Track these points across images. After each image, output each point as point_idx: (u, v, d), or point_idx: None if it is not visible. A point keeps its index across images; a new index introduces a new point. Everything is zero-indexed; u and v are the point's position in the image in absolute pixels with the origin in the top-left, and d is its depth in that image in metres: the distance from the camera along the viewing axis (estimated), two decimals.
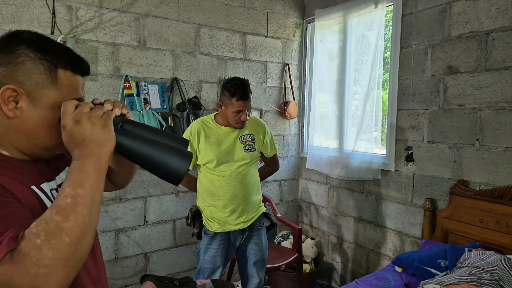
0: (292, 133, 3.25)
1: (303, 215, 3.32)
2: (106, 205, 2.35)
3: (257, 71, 2.98)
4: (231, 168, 1.87)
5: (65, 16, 2.14)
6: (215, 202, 1.89)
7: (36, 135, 0.69)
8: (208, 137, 1.88)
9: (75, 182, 0.61)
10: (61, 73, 0.69)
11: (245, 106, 1.81)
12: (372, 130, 2.61)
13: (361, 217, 2.74)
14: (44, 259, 0.53)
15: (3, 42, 0.68)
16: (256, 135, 1.96)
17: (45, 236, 0.54)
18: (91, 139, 0.64)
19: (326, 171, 2.93)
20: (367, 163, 2.60)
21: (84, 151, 0.64)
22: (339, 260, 2.95)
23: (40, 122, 0.68)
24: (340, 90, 2.84)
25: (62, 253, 0.55)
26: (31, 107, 0.67)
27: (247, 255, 2.01)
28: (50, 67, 0.68)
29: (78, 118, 0.65)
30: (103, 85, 2.29)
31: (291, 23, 3.14)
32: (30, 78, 0.66)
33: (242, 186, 1.89)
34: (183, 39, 2.57)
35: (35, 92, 0.67)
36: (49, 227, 0.55)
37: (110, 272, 2.38)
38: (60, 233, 0.55)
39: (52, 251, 0.54)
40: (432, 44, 2.20)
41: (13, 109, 0.66)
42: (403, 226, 2.42)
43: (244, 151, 1.89)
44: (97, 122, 0.66)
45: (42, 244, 0.54)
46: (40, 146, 0.71)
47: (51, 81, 0.68)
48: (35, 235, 0.54)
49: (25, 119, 0.67)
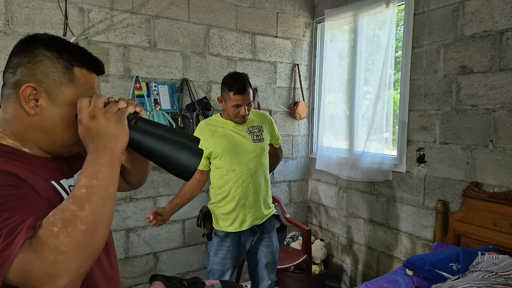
0: (301, 133, 3.24)
1: (313, 216, 3.30)
2: (116, 205, 2.37)
3: (267, 72, 2.97)
4: (242, 161, 1.84)
5: (77, 18, 2.17)
6: (225, 198, 1.87)
7: (56, 132, 0.72)
8: (215, 131, 1.87)
9: (90, 174, 0.64)
10: (77, 71, 0.72)
11: (243, 100, 1.80)
12: (383, 131, 2.58)
13: (371, 219, 2.71)
14: (61, 246, 0.55)
15: (22, 44, 0.71)
16: (263, 126, 1.96)
17: (61, 224, 0.56)
18: (106, 133, 0.67)
19: (336, 172, 2.91)
20: (378, 164, 2.57)
21: (99, 145, 0.67)
22: (349, 262, 2.92)
23: (59, 119, 0.71)
24: (350, 90, 2.82)
25: (79, 241, 0.57)
26: (50, 105, 0.70)
27: (258, 258, 1.99)
28: (67, 65, 0.71)
29: (94, 113, 0.68)
30: (114, 86, 2.32)
31: (301, 23, 3.13)
32: (48, 76, 0.70)
33: (252, 181, 1.86)
34: (193, 40, 2.58)
35: (54, 90, 0.70)
36: (65, 216, 0.57)
37: (121, 271, 2.41)
38: (76, 221, 0.58)
39: (68, 238, 0.56)
40: (445, 43, 2.16)
41: (34, 107, 0.69)
42: (414, 229, 2.38)
43: (253, 142, 1.88)
44: (112, 117, 0.68)
45: (59, 231, 0.56)
46: (59, 143, 0.74)
47: (68, 79, 0.71)
48: (52, 223, 0.56)
49: (45, 117, 0.70)
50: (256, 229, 1.93)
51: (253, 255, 2.00)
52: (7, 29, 1.99)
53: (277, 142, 2.07)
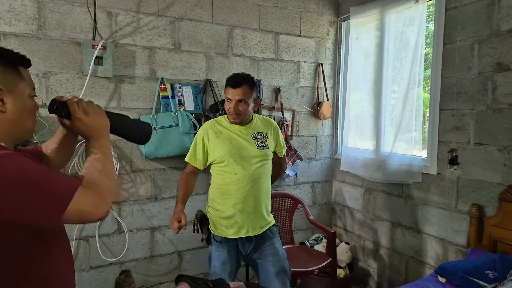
0: (325, 134, 3.18)
1: (337, 218, 3.23)
2: (142, 204, 2.41)
3: (290, 71, 2.94)
4: (244, 166, 1.81)
5: (105, 22, 2.23)
6: (225, 201, 1.83)
7: (23, 121, 0.89)
8: (220, 133, 1.85)
9: (98, 147, 0.93)
10: (21, 69, 0.89)
11: (233, 93, 1.77)
12: (412, 131, 2.49)
13: (399, 222, 2.61)
14: (103, 184, 0.86)
15: None
16: (268, 133, 1.92)
17: (98, 172, 0.88)
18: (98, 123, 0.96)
19: (362, 173, 2.83)
20: (407, 165, 2.48)
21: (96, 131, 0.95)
22: (375, 267, 2.83)
23: (23, 110, 0.89)
24: (376, 89, 2.73)
25: (110, 181, 0.90)
26: (14, 100, 0.86)
27: (266, 268, 1.88)
28: (13, 67, 0.87)
29: (86, 111, 0.94)
30: (140, 88, 2.36)
31: (325, 22, 3.07)
32: (5, 78, 0.84)
33: (254, 186, 1.82)
34: (216, 41, 2.59)
35: (13, 88, 0.86)
36: (98, 168, 0.88)
37: (146, 269, 2.45)
38: (106, 171, 0.90)
39: (105, 179, 0.87)
40: (479, 39, 2.05)
41: (2, 105, 0.84)
42: (446, 233, 2.28)
43: (257, 148, 1.85)
44: (97, 112, 0.97)
45: (98, 176, 0.87)
46: (26, 130, 0.92)
47: (19, 77, 0.88)
48: (91, 172, 0.87)
49: (12, 111, 0.86)
50: (253, 238, 1.86)
51: (260, 266, 1.89)
52: (39, 33, 2.06)
53: (280, 150, 2.01)
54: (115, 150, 2.27)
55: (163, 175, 2.47)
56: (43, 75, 2.09)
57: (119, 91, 2.30)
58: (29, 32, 2.03)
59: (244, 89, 1.78)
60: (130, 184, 2.36)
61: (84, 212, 0.80)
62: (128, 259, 2.39)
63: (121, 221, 2.34)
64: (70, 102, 0.94)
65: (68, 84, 2.14)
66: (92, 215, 0.82)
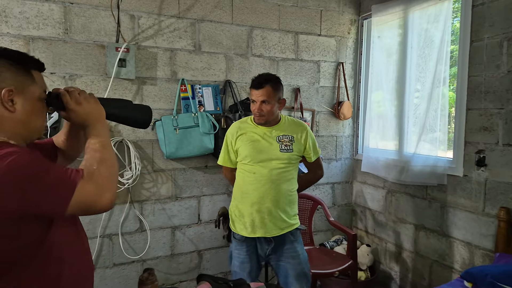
0: (346, 134, 3.13)
1: (358, 220, 3.18)
2: (163, 203, 2.45)
3: (310, 71, 2.91)
4: (264, 167, 1.82)
5: (128, 25, 2.28)
6: (244, 200, 1.86)
7: (32, 121, 0.93)
8: (244, 134, 1.90)
9: (96, 136, 0.95)
10: (33, 72, 0.93)
11: (256, 95, 1.81)
12: (436, 131, 2.41)
13: (423, 225, 2.54)
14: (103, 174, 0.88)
15: None
16: (295, 136, 1.89)
17: (97, 163, 0.89)
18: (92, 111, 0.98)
19: (384, 174, 2.77)
20: (431, 167, 2.40)
21: (91, 120, 0.97)
22: (398, 270, 2.77)
23: (33, 110, 0.92)
24: (399, 88, 2.67)
25: (110, 170, 0.91)
26: (24, 101, 0.90)
27: (286, 270, 1.88)
28: (26, 69, 0.91)
29: (78, 101, 0.96)
30: (161, 89, 2.40)
31: (346, 20, 3.03)
32: (17, 80, 0.89)
33: (272, 187, 1.81)
34: (236, 42, 2.60)
35: (24, 89, 0.90)
36: (96, 159, 0.90)
37: (167, 267, 2.49)
38: (105, 160, 0.91)
39: (105, 169, 0.89)
40: (508, 36, 1.97)
41: (12, 106, 0.88)
42: (472, 237, 2.20)
43: (280, 151, 1.84)
44: (89, 100, 0.98)
45: (98, 167, 0.89)
46: (35, 130, 0.96)
47: (31, 80, 0.92)
48: (91, 164, 0.89)
49: (22, 111, 0.90)
50: (272, 239, 1.86)
51: (280, 268, 1.90)
52: (66, 37, 2.13)
53: (309, 156, 1.95)
54: (137, 150, 2.32)
55: (183, 175, 2.50)
56: (69, 77, 2.16)
57: (141, 92, 2.34)
58: (56, 36, 2.10)
59: (267, 90, 1.80)
60: (151, 183, 2.41)
61: (87, 204, 0.84)
62: (150, 257, 2.43)
63: (143, 219, 2.38)
64: (62, 93, 0.96)
65: (93, 86, 2.21)
66: (96, 206, 0.85)
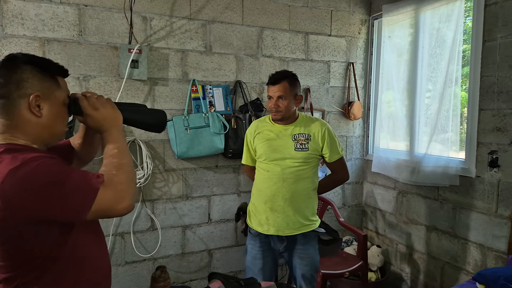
0: (356, 134, 3.12)
1: (368, 220, 3.16)
2: (174, 202, 2.48)
3: (320, 71, 2.91)
4: (278, 165, 1.84)
5: (140, 27, 2.31)
6: (259, 197, 1.89)
7: (56, 126, 0.97)
8: (261, 133, 1.93)
9: (113, 142, 0.97)
10: (58, 78, 0.97)
11: (273, 91, 1.83)
12: (448, 131, 2.39)
13: (434, 226, 2.52)
14: (122, 180, 0.90)
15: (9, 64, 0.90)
16: (312, 135, 1.88)
17: (116, 169, 0.91)
18: (108, 116, 0.99)
19: (394, 175, 2.76)
20: (442, 167, 2.38)
21: (108, 125, 0.99)
22: (409, 271, 2.75)
23: (57, 115, 0.96)
24: (410, 88, 2.65)
25: (128, 176, 0.93)
26: (49, 107, 0.94)
27: (294, 267, 1.92)
28: (51, 75, 0.95)
29: (95, 106, 0.98)
30: (173, 90, 2.43)
31: (356, 20, 3.02)
32: (43, 86, 0.92)
33: (284, 186, 1.82)
34: (246, 43, 2.62)
35: (50, 95, 0.94)
36: (115, 165, 0.93)
37: (177, 266, 2.51)
38: (123, 166, 0.93)
39: (123, 175, 0.92)
40: None
41: (39, 111, 0.92)
42: (485, 239, 2.17)
43: (294, 150, 1.84)
44: (106, 105, 1.00)
45: (117, 173, 0.91)
46: (57, 134, 1.00)
47: (56, 86, 0.96)
48: (110, 170, 0.91)
49: (47, 116, 0.93)
50: (284, 238, 1.87)
51: (290, 263, 1.96)
52: (80, 39, 2.17)
53: (327, 155, 1.90)
54: (149, 150, 2.35)
55: (194, 174, 2.53)
56: (84, 78, 2.20)
57: (153, 93, 2.38)
58: (70, 38, 2.15)
59: (283, 85, 1.82)
60: (163, 183, 2.44)
61: (106, 209, 0.87)
62: (161, 255, 2.46)
63: (154, 218, 2.42)
64: (80, 98, 0.98)
65: (106, 87, 2.25)
66: (114, 211, 0.89)
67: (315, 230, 1.92)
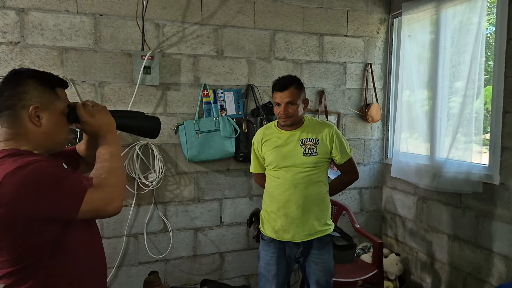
0: (374, 137, 3.01)
1: (387, 227, 3.04)
2: (185, 205, 2.52)
3: (335, 73, 2.84)
4: (288, 171, 1.81)
5: (153, 33, 2.37)
6: (272, 204, 1.87)
7: (56, 134, 1.04)
8: (269, 140, 1.90)
9: (106, 147, 1.03)
10: (58, 90, 1.04)
11: (281, 97, 1.78)
12: (471, 135, 2.24)
13: (456, 235, 2.37)
14: (111, 182, 0.97)
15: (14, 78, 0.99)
16: (320, 139, 1.84)
17: (106, 173, 0.98)
18: (104, 123, 1.06)
19: (414, 180, 2.63)
20: (465, 173, 2.24)
21: (103, 131, 1.05)
22: (429, 281, 2.61)
23: (56, 124, 1.03)
24: (432, 89, 2.52)
25: (118, 179, 1.00)
26: (48, 116, 1.01)
27: (308, 272, 1.90)
28: (51, 87, 1.02)
29: (92, 114, 1.05)
30: (184, 94, 2.47)
31: (375, 20, 2.92)
32: (42, 97, 0.99)
33: (296, 192, 1.79)
34: (258, 46, 2.61)
35: (49, 105, 1.01)
36: (105, 168, 0.99)
37: (189, 268, 2.54)
38: (113, 170, 0.99)
39: (113, 179, 0.98)
40: None
41: (38, 121, 0.99)
42: (510, 250, 2.01)
43: (303, 155, 1.81)
44: (102, 112, 1.07)
45: (106, 176, 0.97)
46: (58, 142, 1.07)
47: (56, 97, 1.03)
48: (99, 174, 0.97)
49: (47, 125, 1.00)
50: (300, 243, 1.84)
51: (304, 268, 1.93)
52: (95, 47, 2.26)
53: (337, 157, 1.87)
54: (161, 154, 2.40)
55: (205, 177, 2.55)
56: (99, 85, 2.29)
57: (165, 98, 2.43)
58: (86, 46, 2.24)
59: (292, 91, 1.79)
60: (175, 185, 2.48)
61: (96, 210, 0.94)
62: (173, 257, 2.51)
63: (166, 221, 2.46)
64: (78, 106, 1.05)
65: (120, 93, 2.32)
66: (104, 211, 0.95)
67: (330, 234, 1.90)
